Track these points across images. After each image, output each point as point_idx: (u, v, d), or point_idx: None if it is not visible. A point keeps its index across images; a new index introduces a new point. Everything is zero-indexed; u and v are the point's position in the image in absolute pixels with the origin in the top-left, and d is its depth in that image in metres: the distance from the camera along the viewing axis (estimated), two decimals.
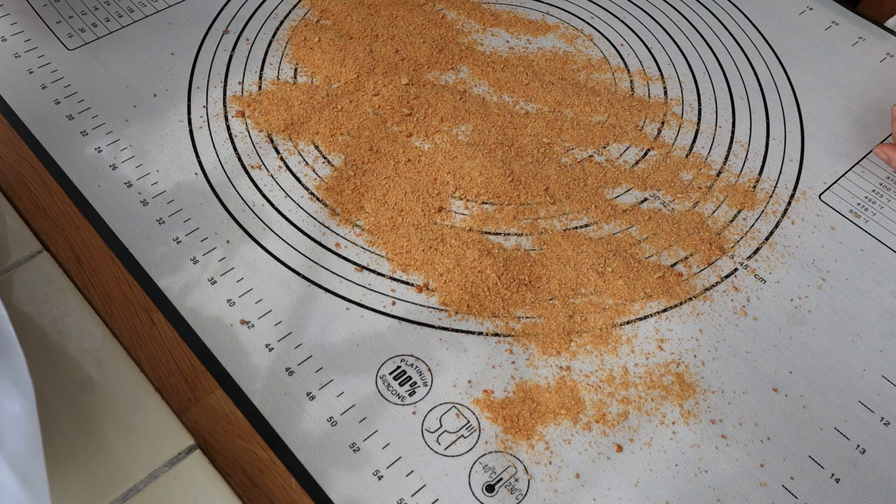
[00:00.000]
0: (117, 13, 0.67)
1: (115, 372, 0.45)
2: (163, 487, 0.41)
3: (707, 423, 0.47)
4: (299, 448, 0.45)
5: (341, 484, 0.44)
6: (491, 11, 0.70)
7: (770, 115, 0.64)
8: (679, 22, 0.71)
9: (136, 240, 0.53)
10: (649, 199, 0.57)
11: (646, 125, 0.62)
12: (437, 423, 0.46)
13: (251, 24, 0.67)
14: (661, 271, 0.53)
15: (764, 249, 0.55)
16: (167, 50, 0.65)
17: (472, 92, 0.63)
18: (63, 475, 0.41)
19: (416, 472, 0.44)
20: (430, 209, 0.55)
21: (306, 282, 0.52)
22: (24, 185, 0.55)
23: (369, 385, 0.47)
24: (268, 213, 0.55)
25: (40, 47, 0.64)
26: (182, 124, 0.60)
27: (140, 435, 0.43)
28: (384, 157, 0.58)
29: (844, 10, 0.72)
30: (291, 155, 0.58)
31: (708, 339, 0.50)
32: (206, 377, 0.47)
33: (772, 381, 0.49)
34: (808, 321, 0.52)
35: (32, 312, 0.47)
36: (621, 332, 0.50)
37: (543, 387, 0.48)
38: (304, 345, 0.49)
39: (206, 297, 0.51)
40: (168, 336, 0.49)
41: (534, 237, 0.54)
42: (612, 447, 0.46)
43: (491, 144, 0.59)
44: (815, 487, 0.45)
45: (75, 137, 0.58)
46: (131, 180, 0.56)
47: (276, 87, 0.62)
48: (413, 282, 0.52)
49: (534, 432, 0.46)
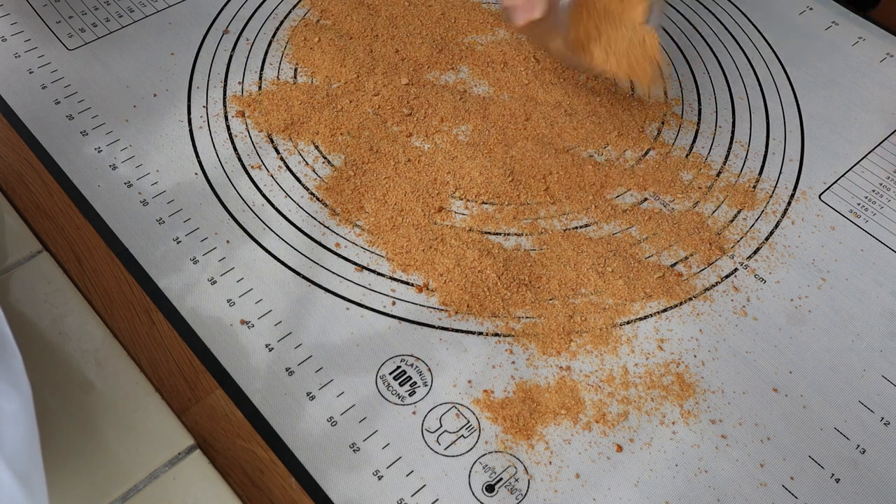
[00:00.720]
0: (117, 13, 0.67)
1: (114, 372, 0.45)
2: (163, 487, 0.41)
3: (707, 423, 0.47)
4: (299, 448, 0.45)
5: (341, 484, 0.44)
6: (491, 11, 0.70)
7: (770, 115, 0.64)
8: (679, 22, 0.71)
9: (136, 240, 0.53)
10: (649, 199, 0.57)
11: (646, 125, 0.62)
12: (437, 423, 0.46)
13: (251, 24, 0.67)
14: (661, 271, 0.53)
15: (764, 249, 0.55)
16: (167, 50, 0.65)
17: (472, 92, 0.63)
18: (63, 475, 0.41)
19: (416, 472, 0.44)
20: (430, 209, 0.55)
21: (306, 282, 0.52)
22: (24, 185, 0.55)
23: (369, 385, 0.47)
24: (268, 213, 0.55)
25: (40, 47, 0.64)
26: (182, 124, 0.60)
27: (140, 435, 0.43)
28: (384, 157, 0.58)
29: (844, 10, 0.72)
30: (291, 155, 0.58)
31: (708, 339, 0.50)
32: (206, 377, 0.47)
33: (772, 381, 0.49)
34: (808, 321, 0.52)
35: (32, 312, 0.47)
36: (621, 332, 0.50)
37: (543, 387, 0.48)
38: (304, 345, 0.49)
39: (206, 297, 0.50)
40: (168, 336, 0.49)
41: (534, 237, 0.54)
42: (612, 447, 0.46)
43: (491, 144, 0.59)
44: (815, 487, 0.45)
45: (75, 137, 0.58)
46: (131, 180, 0.56)
47: (276, 87, 0.62)
48: (413, 282, 0.52)
49: (534, 432, 0.46)
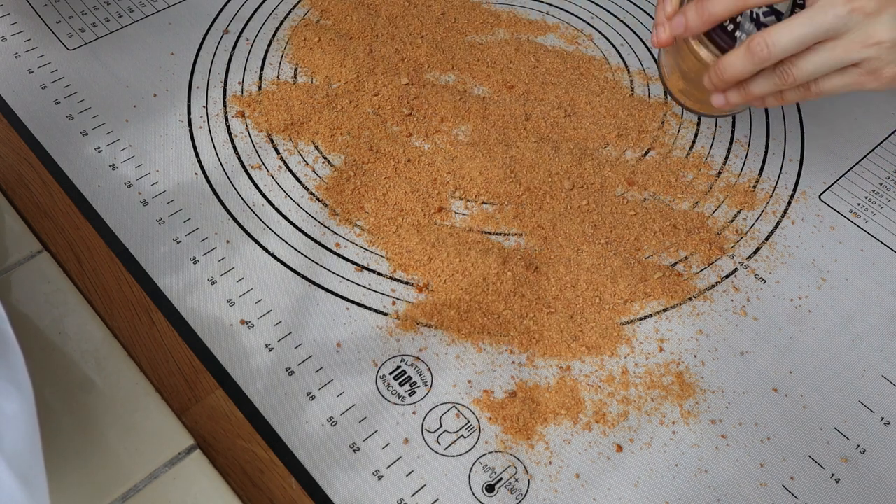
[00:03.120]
0: (117, 13, 0.67)
1: (114, 372, 0.45)
2: (163, 487, 0.41)
3: (707, 423, 0.47)
4: (299, 448, 0.45)
5: (341, 484, 0.44)
6: (491, 11, 0.70)
7: (770, 115, 0.64)
8: None
9: (136, 240, 0.53)
10: (649, 199, 0.57)
11: (646, 125, 0.62)
12: (437, 423, 0.46)
13: (251, 24, 0.67)
14: (661, 271, 0.53)
15: (764, 249, 0.55)
16: (167, 50, 0.65)
17: (472, 92, 0.63)
18: (63, 475, 0.41)
19: (416, 472, 0.44)
20: (430, 209, 0.55)
21: (306, 282, 0.52)
22: (24, 185, 0.55)
23: (369, 385, 0.47)
24: (268, 213, 0.55)
25: (40, 47, 0.64)
26: (182, 124, 0.60)
27: (140, 435, 0.43)
28: (384, 157, 0.58)
29: None
30: (291, 155, 0.58)
31: (708, 339, 0.50)
32: (206, 377, 0.47)
33: (772, 381, 0.49)
34: (808, 321, 0.52)
35: (32, 312, 0.47)
36: (621, 332, 0.50)
37: (543, 387, 0.48)
38: (304, 345, 0.49)
39: (206, 297, 0.50)
40: (168, 336, 0.49)
41: (534, 237, 0.54)
42: (612, 447, 0.46)
43: (491, 144, 0.59)
44: (815, 487, 0.45)
45: (75, 137, 0.58)
46: (131, 180, 0.56)
47: (276, 87, 0.62)
48: (413, 282, 0.52)
49: (534, 432, 0.46)
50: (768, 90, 0.47)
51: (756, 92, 0.48)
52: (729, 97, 0.49)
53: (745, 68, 0.45)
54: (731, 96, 0.49)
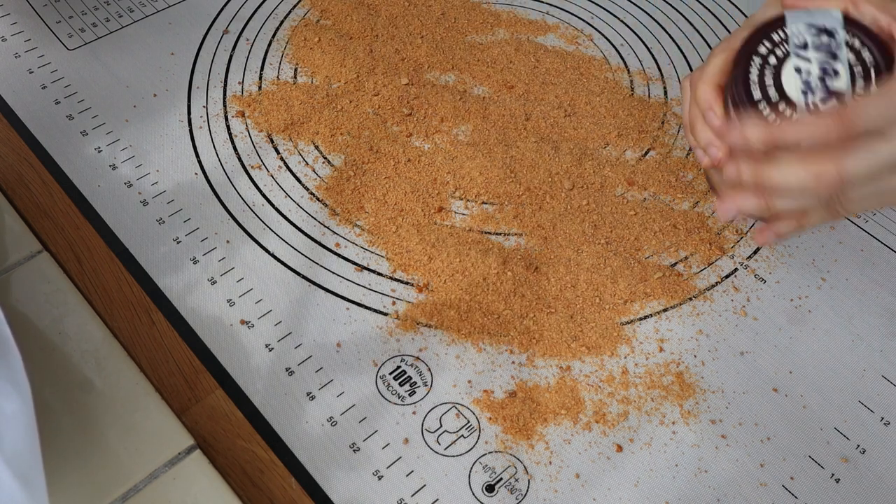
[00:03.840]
0: (117, 13, 0.67)
1: (114, 372, 0.45)
2: (163, 487, 0.41)
3: (707, 423, 0.47)
4: (299, 448, 0.45)
5: (341, 484, 0.44)
6: (491, 11, 0.70)
7: None
8: (679, 22, 0.71)
9: (136, 240, 0.53)
10: (649, 199, 0.57)
11: (646, 125, 0.62)
12: (437, 423, 0.46)
13: (251, 24, 0.67)
14: (661, 271, 0.53)
15: (764, 249, 0.55)
16: (167, 50, 0.65)
17: (472, 92, 0.63)
18: (63, 475, 0.41)
19: (416, 472, 0.44)
20: (430, 209, 0.55)
21: (306, 282, 0.52)
22: (24, 185, 0.55)
23: (369, 385, 0.47)
24: (268, 213, 0.55)
25: (40, 47, 0.64)
26: (182, 124, 0.60)
27: (140, 435, 0.43)
28: (384, 157, 0.58)
29: None
30: (291, 155, 0.58)
31: (708, 339, 0.50)
32: (206, 377, 0.47)
33: (772, 381, 0.49)
34: (808, 321, 0.52)
35: (32, 313, 0.47)
36: (621, 332, 0.50)
37: (543, 387, 0.48)
38: (304, 345, 0.49)
39: (206, 297, 0.50)
40: (168, 336, 0.49)
41: (534, 237, 0.54)
42: (612, 447, 0.46)
43: (491, 144, 0.59)
44: (815, 487, 0.45)
45: (75, 137, 0.58)
46: (131, 180, 0.56)
47: (276, 87, 0.62)
48: (413, 282, 0.52)
49: (534, 432, 0.46)
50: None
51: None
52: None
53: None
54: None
